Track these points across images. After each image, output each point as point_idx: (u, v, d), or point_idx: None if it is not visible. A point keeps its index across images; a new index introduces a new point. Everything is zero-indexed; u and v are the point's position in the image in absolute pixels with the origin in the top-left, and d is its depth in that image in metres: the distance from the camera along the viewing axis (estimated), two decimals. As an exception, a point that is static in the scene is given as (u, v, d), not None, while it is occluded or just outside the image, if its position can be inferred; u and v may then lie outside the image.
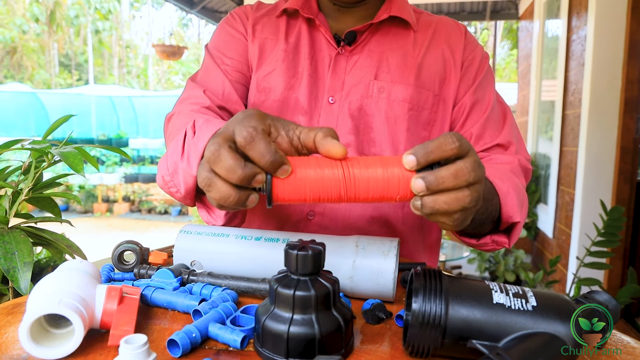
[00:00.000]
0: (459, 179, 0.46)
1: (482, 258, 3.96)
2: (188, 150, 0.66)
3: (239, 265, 0.62)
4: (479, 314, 0.42)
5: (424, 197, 0.47)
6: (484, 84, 0.87)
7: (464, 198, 0.46)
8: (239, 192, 0.46)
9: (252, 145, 0.45)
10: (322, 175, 0.46)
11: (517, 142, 0.85)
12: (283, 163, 0.46)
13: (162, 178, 0.72)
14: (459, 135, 0.47)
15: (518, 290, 0.45)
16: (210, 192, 0.48)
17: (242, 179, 0.45)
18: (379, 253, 0.58)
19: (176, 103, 0.85)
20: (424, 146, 0.46)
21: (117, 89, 11.46)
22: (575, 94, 3.13)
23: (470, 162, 0.46)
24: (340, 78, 0.84)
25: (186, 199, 0.71)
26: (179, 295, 0.55)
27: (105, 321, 0.48)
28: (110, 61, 17.85)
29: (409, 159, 0.46)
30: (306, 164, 0.47)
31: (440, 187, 0.45)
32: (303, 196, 0.47)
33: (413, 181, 0.46)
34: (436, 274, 0.45)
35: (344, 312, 0.46)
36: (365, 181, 0.47)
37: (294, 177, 0.46)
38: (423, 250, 0.91)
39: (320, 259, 0.45)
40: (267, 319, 0.44)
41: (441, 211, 0.46)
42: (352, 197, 0.47)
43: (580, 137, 2.94)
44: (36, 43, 15.90)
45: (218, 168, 0.46)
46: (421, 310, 0.43)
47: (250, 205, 0.48)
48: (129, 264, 0.68)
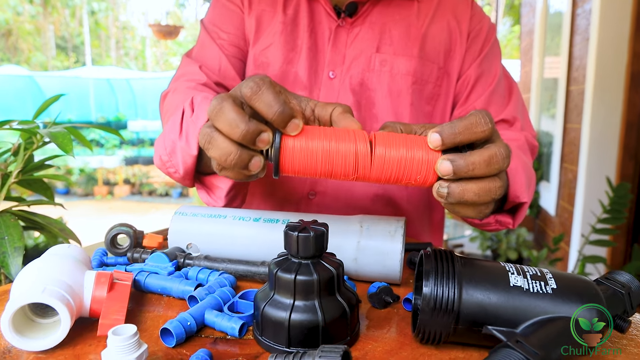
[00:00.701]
0: (491, 166, 0.41)
1: (484, 236, 3.94)
2: (186, 128, 0.63)
3: (237, 248, 0.59)
4: (494, 298, 0.39)
5: (452, 184, 0.43)
6: (491, 56, 0.82)
7: (495, 189, 0.42)
8: (240, 150, 0.42)
9: (258, 96, 0.41)
10: (337, 147, 0.43)
11: (522, 118, 0.81)
12: (293, 116, 0.42)
13: (160, 158, 0.69)
14: (490, 115, 0.43)
15: (536, 271, 0.41)
16: (209, 150, 0.44)
17: (245, 134, 0.41)
18: (384, 233, 0.54)
19: (171, 80, 0.81)
20: (451, 125, 0.42)
21: (114, 70, 11.35)
22: (579, 70, 3.07)
23: (504, 147, 0.42)
24: (340, 51, 0.80)
25: (185, 179, 0.68)
26: (173, 280, 0.53)
27: (94, 309, 0.46)
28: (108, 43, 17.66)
29: (433, 137, 0.42)
30: (320, 133, 0.44)
31: (470, 173, 0.41)
32: (314, 167, 0.43)
33: (439, 162, 0.42)
34: (448, 255, 0.42)
35: (349, 297, 0.43)
36: (384, 159, 0.43)
37: (306, 144, 0.43)
38: (428, 230, 0.88)
39: (322, 241, 0.42)
40: (267, 305, 0.41)
41: (469, 202, 0.43)
42: (367, 175, 0.44)
43: (584, 114, 2.89)
44: (31, 25, 15.71)
45: (219, 122, 0.42)
46: (432, 295, 0.40)
47: (253, 169, 0.44)
48: (123, 248, 0.65)
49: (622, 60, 2.65)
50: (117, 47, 17.88)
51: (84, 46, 15.78)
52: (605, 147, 2.78)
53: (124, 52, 18.41)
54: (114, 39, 17.47)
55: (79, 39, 17.02)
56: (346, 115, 0.46)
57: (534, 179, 0.71)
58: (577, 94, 3.08)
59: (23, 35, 15.51)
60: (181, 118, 0.64)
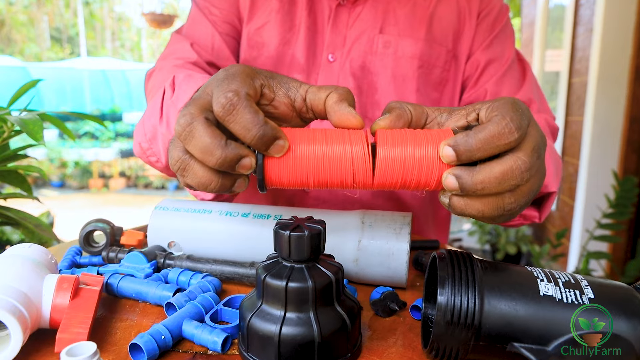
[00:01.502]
0: (504, 184, 0.35)
1: (483, 230, 3.88)
2: (167, 111, 0.57)
3: (223, 247, 0.53)
4: (522, 310, 0.33)
5: (454, 197, 0.37)
6: (502, 37, 0.76)
7: (504, 206, 0.36)
8: (221, 178, 0.36)
9: (233, 117, 0.34)
10: (330, 153, 0.36)
11: (539, 100, 0.75)
12: (276, 137, 0.35)
13: (140, 145, 0.63)
14: (520, 116, 0.35)
15: (569, 278, 0.35)
16: (186, 178, 0.37)
17: (222, 162, 0.35)
18: (389, 231, 0.48)
19: (158, 59, 0.74)
20: (468, 139, 0.35)
21: (109, 61, 11.22)
22: (582, 62, 3.00)
23: (526, 156, 0.35)
24: (341, 32, 0.73)
25: (168, 168, 0.62)
26: (150, 284, 0.46)
27: (55, 319, 0.39)
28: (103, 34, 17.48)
29: (446, 152, 0.35)
30: (308, 137, 0.37)
31: (478, 192, 0.35)
32: (305, 180, 0.37)
33: (445, 177, 0.36)
34: (466, 258, 0.36)
35: (350, 306, 0.37)
36: (387, 165, 0.36)
37: (292, 156, 0.36)
38: (433, 226, 0.82)
39: (319, 242, 0.35)
40: (254, 316, 0.35)
41: (473, 216, 0.37)
42: (368, 184, 0.37)
43: (586, 106, 2.83)
44: (25, 16, 15.53)
45: (191, 148, 0.35)
46: (449, 305, 0.34)
47: (238, 190, 0.38)
48: (98, 246, 0.59)
49: (627, 52, 2.58)
50: (113, 38, 17.72)
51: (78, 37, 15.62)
52: (607, 140, 2.72)
53: (120, 43, 18.24)
54: (109, 30, 17.30)
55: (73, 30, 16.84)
56: (342, 105, 0.39)
57: (560, 165, 0.65)
58: (580, 86, 3.02)
59: (16, 26, 15.33)
60: (162, 100, 0.58)
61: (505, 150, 0.35)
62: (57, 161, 7.66)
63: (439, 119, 0.41)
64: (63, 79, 9.49)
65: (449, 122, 0.40)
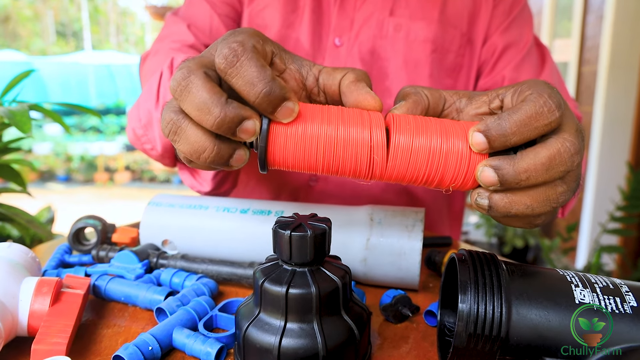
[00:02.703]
0: (552, 170, 0.30)
1: (490, 224, 3.83)
2: (164, 95, 0.53)
3: (220, 246, 0.49)
4: (555, 320, 0.29)
5: (494, 195, 0.32)
6: (520, 20, 0.71)
7: (556, 197, 0.31)
8: (218, 145, 0.31)
9: (236, 70, 0.30)
10: (346, 134, 0.31)
11: (560, 88, 0.70)
12: (285, 97, 0.30)
13: (133, 131, 0.59)
14: (557, 95, 0.31)
15: (607, 283, 0.31)
16: (176, 143, 0.32)
17: (221, 122, 0.29)
18: (400, 228, 0.44)
19: (154, 42, 0.70)
20: (501, 122, 0.30)
21: (114, 55, 11.19)
22: (592, 50, 2.94)
23: (574, 136, 0.30)
24: (348, 15, 0.69)
25: (164, 157, 0.59)
26: (140, 286, 0.43)
27: (34, 327, 0.36)
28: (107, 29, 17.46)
29: (476, 138, 0.31)
30: (322, 113, 0.32)
31: (522, 184, 0.30)
32: (313, 162, 0.32)
33: (480, 170, 0.31)
34: (489, 260, 0.32)
35: (358, 314, 0.33)
36: (409, 154, 0.32)
37: (302, 131, 0.31)
38: (447, 221, 0.78)
39: (324, 242, 0.31)
40: (251, 326, 0.31)
41: (520, 215, 0.32)
42: (384, 174, 0.33)
43: (596, 96, 2.76)
44: (30, 11, 15.52)
45: (186, 104, 0.30)
46: (472, 315, 0.29)
47: (235, 165, 0.32)
48: (88, 245, 0.55)
49: (638, 39, 2.52)
50: (117, 32, 17.68)
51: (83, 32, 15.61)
52: (618, 130, 2.66)
53: (124, 37, 18.21)
54: (113, 24, 17.27)
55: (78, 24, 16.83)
56: (359, 85, 0.35)
57: (585, 158, 0.60)
58: (589, 75, 2.96)
59: (22, 21, 15.33)
60: (158, 83, 0.54)
61: (544, 133, 0.30)
62: (62, 155, 7.66)
63: (457, 104, 0.37)
64: (68, 73, 9.47)
65: (469, 108, 0.36)
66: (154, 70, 0.58)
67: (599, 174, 2.72)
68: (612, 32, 2.59)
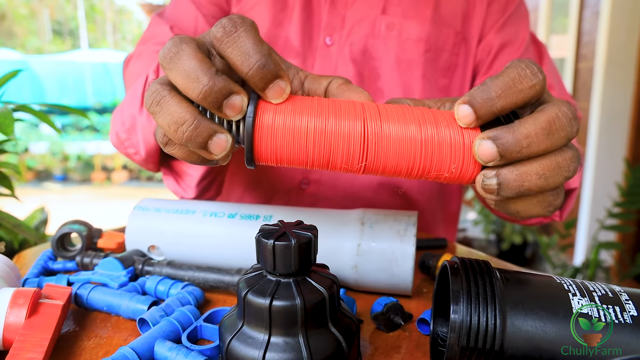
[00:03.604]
0: (554, 134, 0.28)
1: (488, 220, 3.82)
2: None
3: (208, 252, 0.47)
4: (552, 331, 0.28)
5: (502, 170, 0.29)
6: (516, 17, 0.70)
7: (567, 163, 0.29)
8: (199, 120, 0.29)
9: (232, 39, 0.29)
10: (337, 124, 0.30)
11: (557, 85, 0.69)
12: (278, 75, 0.30)
13: (117, 135, 0.58)
14: (536, 63, 0.30)
15: (606, 291, 0.30)
16: (156, 115, 0.30)
17: (208, 91, 0.28)
18: (392, 233, 0.43)
19: (137, 43, 0.68)
20: (483, 88, 0.29)
21: (110, 54, 11.15)
22: (588, 46, 2.93)
23: (565, 105, 0.29)
24: (339, 13, 0.67)
25: (148, 162, 0.57)
26: (123, 295, 0.41)
27: (9, 340, 0.34)
28: (104, 27, 17.39)
29: (462, 110, 0.30)
30: (313, 103, 0.31)
31: (524, 152, 0.28)
32: (304, 153, 0.30)
33: (477, 145, 0.29)
34: (483, 268, 0.31)
35: (347, 325, 0.32)
36: (403, 142, 0.30)
37: (292, 119, 0.30)
38: (442, 222, 0.76)
39: (309, 252, 0.30)
40: (234, 339, 0.30)
41: (533, 190, 0.29)
42: (378, 165, 0.31)
43: (593, 92, 2.75)
44: (26, 9, 15.45)
45: (174, 72, 0.29)
46: (464, 326, 0.28)
47: (214, 150, 0.30)
48: (73, 251, 0.54)
49: (635, 35, 2.51)
50: (114, 30, 17.62)
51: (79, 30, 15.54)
52: (615, 126, 2.66)
53: (121, 35, 18.14)
54: (110, 22, 17.20)
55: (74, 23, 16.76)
56: (350, 86, 0.34)
57: (582, 158, 0.59)
58: (586, 71, 2.95)
59: (18, 19, 15.26)
60: (143, 87, 0.53)
61: (530, 97, 0.29)
62: (59, 154, 7.63)
63: (442, 110, 0.35)
64: (64, 72, 9.43)
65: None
66: (139, 74, 0.57)
67: (597, 170, 2.71)
68: (608, 28, 2.58)
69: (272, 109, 0.30)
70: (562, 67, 3.42)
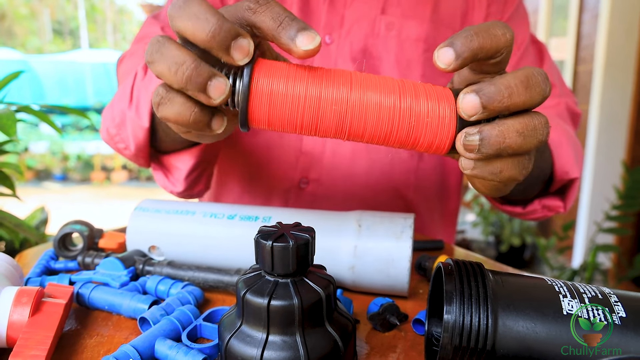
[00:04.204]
0: (532, 89, 0.30)
1: (487, 222, 3.83)
2: (137, 95, 0.54)
3: (207, 252, 0.48)
4: (542, 332, 0.28)
5: (484, 127, 0.30)
6: (516, 18, 0.70)
7: (541, 127, 0.30)
8: (199, 61, 0.30)
9: (265, 7, 0.31)
10: (327, 93, 0.31)
11: (559, 83, 0.70)
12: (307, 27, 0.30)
13: (107, 131, 0.60)
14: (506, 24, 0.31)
15: (596, 293, 0.31)
16: (156, 63, 0.30)
17: (218, 31, 0.29)
18: (389, 234, 0.44)
19: (132, 43, 0.69)
20: (462, 31, 0.30)
21: (111, 54, 11.16)
22: (587, 49, 2.94)
23: (537, 69, 0.31)
24: (339, 12, 0.68)
25: (138, 157, 0.59)
26: (124, 295, 0.42)
27: (13, 338, 0.35)
28: (104, 26, 17.39)
29: (442, 51, 0.30)
30: (305, 72, 0.32)
31: (506, 102, 0.29)
32: (295, 117, 0.31)
33: (461, 98, 0.30)
34: (476, 269, 0.31)
35: (343, 325, 0.33)
36: (380, 111, 0.31)
37: (285, 85, 0.31)
38: (440, 223, 0.77)
39: (307, 253, 0.31)
40: (233, 338, 0.31)
41: (511, 149, 0.30)
42: (360, 129, 0.32)
43: (592, 94, 2.76)
44: (26, 9, 15.46)
45: (182, 18, 0.30)
46: (457, 326, 0.29)
47: (214, 94, 0.30)
48: (74, 250, 0.54)
49: (634, 38, 2.52)
50: (114, 30, 17.63)
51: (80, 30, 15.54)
52: (614, 129, 2.66)
53: (121, 35, 18.15)
54: (110, 22, 17.21)
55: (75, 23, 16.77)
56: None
57: (581, 151, 0.60)
58: (585, 74, 2.96)
59: (18, 19, 15.26)
60: (132, 83, 0.55)
61: (503, 45, 0.30)
62: (59, 154, 7.63)
63: None
64: (65, 71, 9.43)
65: None
66: (130, 72, 0.58)
67: (595, 172, 2.72)
68: (607, 31, 2.59)
69: (267, 72, 0.31)
70: (562, 70, 3.42)
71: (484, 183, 0.34)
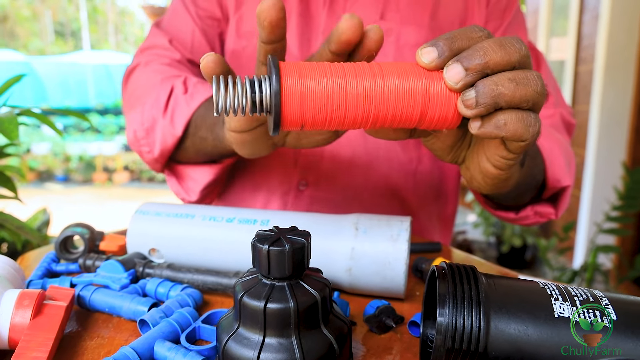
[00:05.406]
0: (506, 47, 0.32)
1: (488, 222, 3.83)
2: (174, 106, 0.58)
3: (206, 255, 0.49)
4: (534, 334, 0.29)
5: (479, 82, 0.31)
6: (515, 26, 0.71)
7: (533, 77, 0.32)
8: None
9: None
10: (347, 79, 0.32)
11: (555, 92, 0.70)
12: None
13: (134, 133, 0.63)
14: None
15: (587, 296, 0.31)
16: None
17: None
18: (385, 237, 0.44)
19: (136, 52, 0.70)
20: (443, 35, 0.33)
21: (112, 55, 11.18)
22: (588, 49, 2.94)
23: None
24: (338, 17, 0.69)
25: (157, 161, 0.62)
26: (124, 297, 0.42)
27: (15, 340, 0.36)
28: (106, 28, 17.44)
29: (425, 50, 0.32)
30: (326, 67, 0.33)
31: (484, 59, 0.31)
32: (326, 113, 0.32)
33: (446, 70, 0.32)
34: (469, 272, 0.32)
35: (339, 327, 0.33)
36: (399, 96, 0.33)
37: (312, 82, 0.32)
38: (437, 226, 0.77)
39: (303, 257, 0.31)
40: (230, 340, 0.31)
41: (508, 95, 0.31)
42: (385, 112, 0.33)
43: (592, 95, 2.76)
44: (28, 11, 15.51)
45: None
46: (450, 329, 0.29)
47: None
48: (75, 253, 0.55)
49: (634, 38, 2.52)
50: (116, 32, 17.67)
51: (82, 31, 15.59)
52: (615, 129, 2.66)
53: (123, 37, 18.19)
54: (112, 24, 17.25)
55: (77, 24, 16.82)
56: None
57: (573, 159, 0.61)
58: (586, 74, 2.96)
59: (20, 20, 15.31)
60: (168, 94, 0.59)
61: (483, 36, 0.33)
62: (61, 155, 7.65)
63: None
64: (66, 73, 9.46)
65: None
66: (154, 83, 0.62)
67: (595, 173, 2.72)
68: (608, 31, 2.59)
69: (292, 73, 0.32)
70: (562, 70, 3.43)
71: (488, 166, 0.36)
